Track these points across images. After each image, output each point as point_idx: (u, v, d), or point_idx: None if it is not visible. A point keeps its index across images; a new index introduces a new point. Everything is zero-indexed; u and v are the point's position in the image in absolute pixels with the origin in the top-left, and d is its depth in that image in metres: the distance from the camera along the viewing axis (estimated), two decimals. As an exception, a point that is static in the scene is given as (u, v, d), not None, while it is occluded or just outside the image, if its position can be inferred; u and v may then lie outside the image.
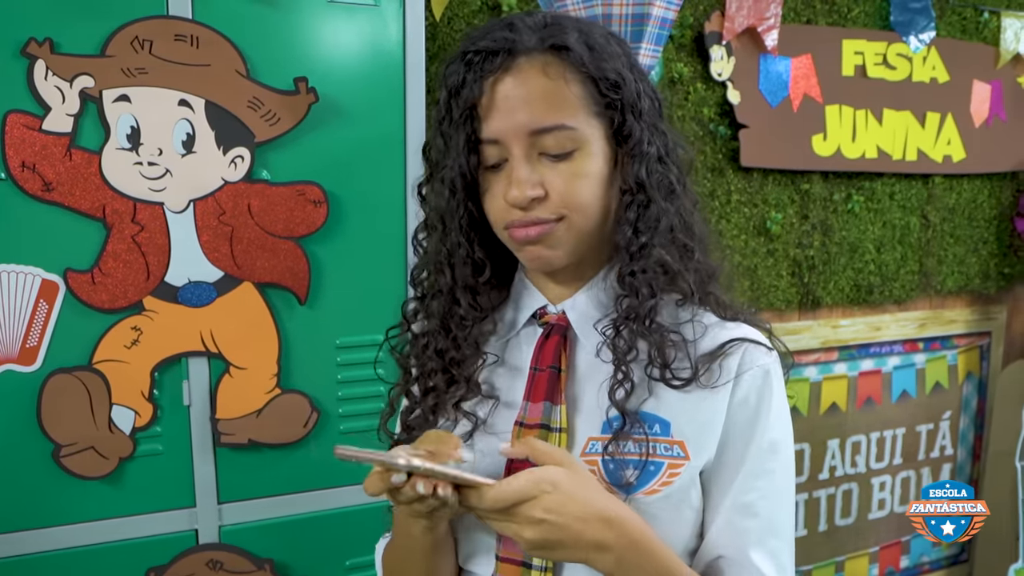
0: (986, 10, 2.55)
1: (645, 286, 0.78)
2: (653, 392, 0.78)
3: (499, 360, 0.87)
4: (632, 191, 0.78)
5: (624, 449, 0.76)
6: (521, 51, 0.76)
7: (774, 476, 0.77)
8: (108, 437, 1.29)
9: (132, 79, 1.23)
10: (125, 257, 1.26)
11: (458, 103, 0.77)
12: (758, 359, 0.78)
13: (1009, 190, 2.73)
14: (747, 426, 0.77)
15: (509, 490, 0.66)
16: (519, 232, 0.77)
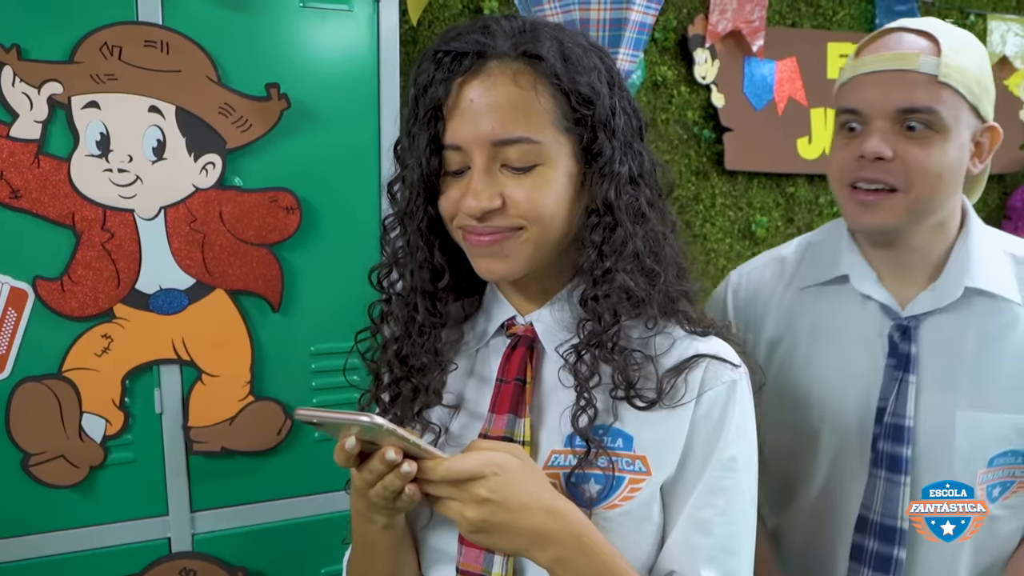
0: (972, 13, 2.55)
1: (608, 312, 0.75)
2: (617, 411, 0.76)
3: (468, 370, 0.86)
4: (599, 212, 0.75)
5: (586, 464, 0.74)
6: (493, 56, 0.73)
7: (730, 493, 0.76)
8: (78, 446, 1.28)
9: (101, 85, 1.22)
10: (95, 265, 1.25)
11: (424, 103, 0.75)
12: (723, 375, 0.77)
13: (996, 193, 2.73)
14: (707, 441, 0.76)
15: (461, 465, 0.66)
16: (473, 238, 0.75)
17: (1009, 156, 2.69)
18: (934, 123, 0.91)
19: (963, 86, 0.92)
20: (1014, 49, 2.60)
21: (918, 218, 0.95)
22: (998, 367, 0.96)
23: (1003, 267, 0.98)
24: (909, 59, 0.92)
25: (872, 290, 1.02)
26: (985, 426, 0.96)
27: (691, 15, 2.16)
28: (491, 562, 0.76)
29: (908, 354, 0.98)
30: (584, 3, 1.49)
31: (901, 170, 0.92)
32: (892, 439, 0.98)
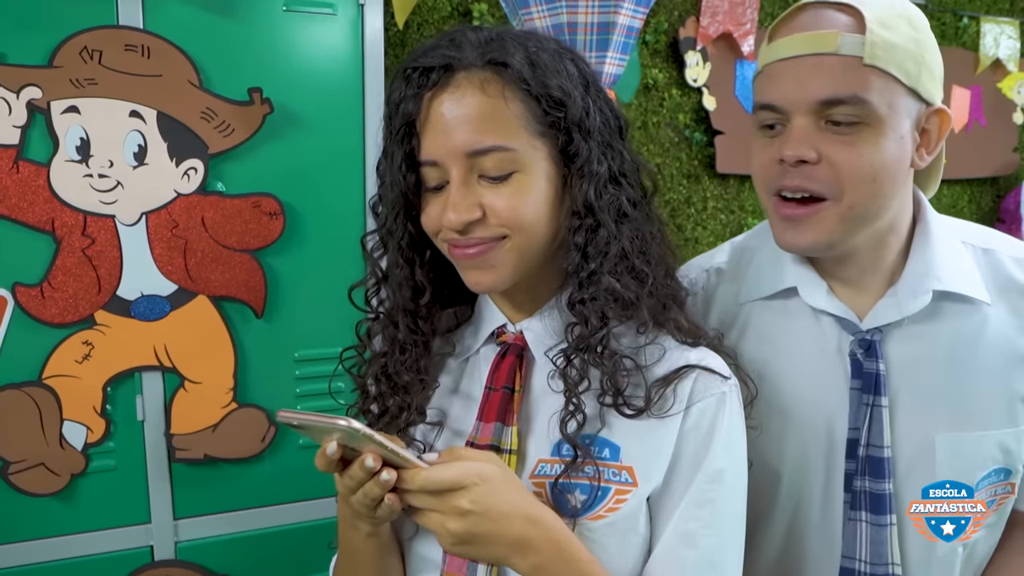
0: (965, 15, 2.54)
1: (595, 315, 0.75)
2: (605, 419, 0.76)
3: (454, 386, 0.85)
4: (580, 213, 0.75)
5: (572, 473, 0.74)
6: (460, 67, 0.73)
7: (716, 505, 0.75)
8: (59, 453, 1.27)
9: (81, 90, 1.21)
10: (75, 271, 1.24)
11: (396, 120, 0.75)
12: (712, 387, 0.76)
13: (989, 195, 2.73)
14: (695, 454, 0.75)
15: (440, 475, 0.64)
16: (458, 251, 0.75)
17: (1003, 159, 2.68)
18: (863, 115, 0.76)
19: (896, 66, 0.75)
20: (1007, 52, 2.59)
21: (855, 228, 0.81)
22: (976, 378, 0.84)
23: (967, 262, 0.86)
24: (827, 40, 0.77)
25: (825, 303, 0.86)
26: (969, 447, 0.84)
27: (682, 18, 2.15)
28: (475, 570, 0.75)
29: (876, 373, 0.83)
30: (572, 7, 1.48)
31: (828, 174, 0.78)
32: (871, 475, 0.83)
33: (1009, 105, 2.65)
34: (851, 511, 0.84)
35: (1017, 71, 2.63)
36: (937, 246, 0.85)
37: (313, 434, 0.67)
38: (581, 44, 1.50)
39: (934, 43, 0.80)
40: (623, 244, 0.76)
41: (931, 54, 0.79)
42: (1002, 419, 0.83)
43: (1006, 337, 0.83)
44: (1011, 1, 2.62)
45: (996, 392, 0.84)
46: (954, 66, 2.54)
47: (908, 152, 0.80)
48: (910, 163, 0.81)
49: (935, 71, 0.80)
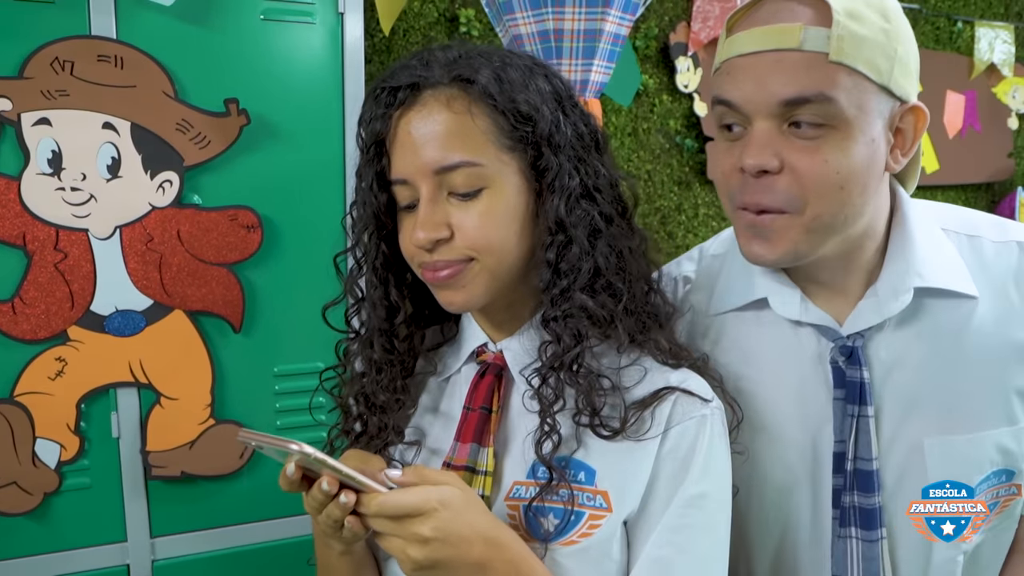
0: (960, 20, 2.52)
1: (568, 333, 0.73)
2: (581, 439, 0.74)
3: (433, 405, 0.84)
4: (552, 230, 0.74)
5: (547, 496, 0.72)
6: (426, 85, 0.72)
7: (693, 531, 0.73)
8: (32, 472, 1.24)
9: (53, 101, 1.18)
10: (48, 286, 1.22)
11: (367, 140, 0.75)
12: (692, 410, 0.74)
13: (984, 201, 2.71)
14: (672, 478, 0.73)
15: (397, 501, 0.63)
16: (429, 274, 0.74)
17: (998, 164, 2.67)
18: (830, 116, 0.69)
19: (865, 63, 0.69)
20: (1002, 56, 2.57)
21: (823, 238, 0.75)
22: (966, 377, 0.79)
23: (950, 252, 0.80)
24: (789, 34, 0.70)
25: (800, 312, 0.81)
26: (962, 451, 0.79)
27: (673, 23, 2.13)
28: None
29: (860, 382, 0.78)
30: (558, 13, 1.45)
31: (790, 185, 0.72)
32: (860, 490, 0.79)
33: (1004, 110, 2.63)
34: (840, 528, 0.80)
35: (1012, 76, 2.61)
36: (917, 239, 0.79)
37: (273, 454, 0.66)
38: (567, 51, 1.48)
39: (909, 33, 0.73)
40: (597, 260, 0.75)
41: (904, 46, 0.72)
42: (998, 418, 0.78)
43: (997, 329, 0.78)
44: (1006, 6, 2.60)
45: (989, 390, 0.79)
46: (948, 71, 2.53)
47: (881, 155, 0.73)
48: (884, 166, 0.75)
49: (910, 65, 0.73)
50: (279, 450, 0.64)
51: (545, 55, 1.47)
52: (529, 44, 1.48)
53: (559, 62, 1.48)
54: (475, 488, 0.74)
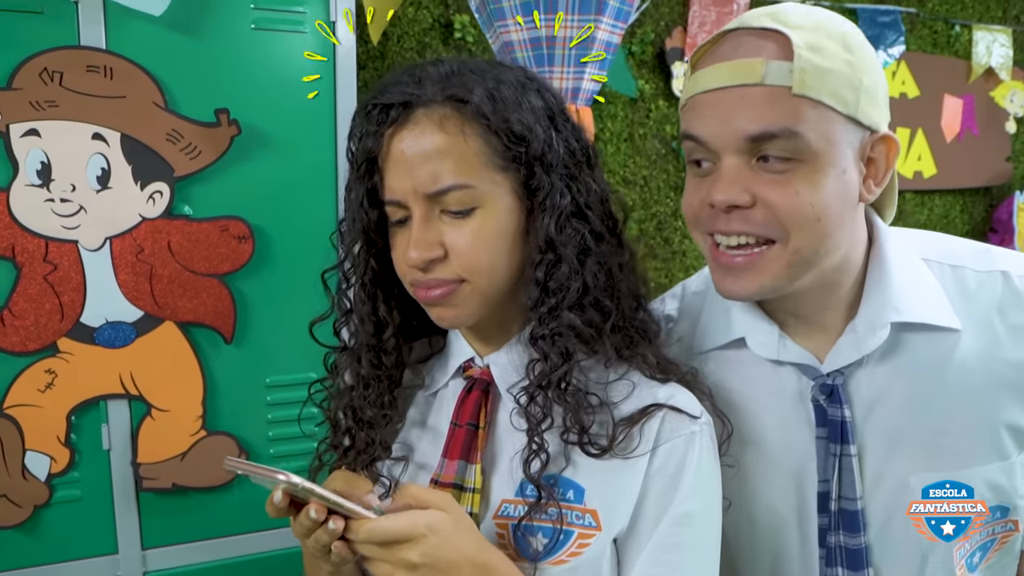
0: (957, 23, 2.51)
1: (556, 351, 0.73)
2: (569, 457, 0.74)
3: (421, 420, 0.84)
4: (542, 248, 0.74)
5: (536, 515, 0.72)
6: (419, 104, 0.72)
7: (684, 550, 0.72)
8: (21, 484, 1.24)
9: (41, 112, 1.17)
10: (37, 298, 1.21)
11: (359, 156, 0.74)
12: (681, 427, 0.73)
13: (982, 205, 2.70)
14: (661, 496, 0.73)
15: (385, 528, 0.63)
16: (421, 293, 0.74)
17: (996, 168, 2.66)
18: (797, 151, 0.68)
19: (830, 94, 0.68)
20: (1000, 60, 2.56)
21: (801, 273, 0.73)
22: (951, 413, 0.77)
23: (930, 284, 0.78)
24: (751, 69, 0.69)
25: (778, 351, 0.80)
26: None
27: (669, 28, 2.12)
28: None
29: (841, 420, 0.77)
30: (551, 21, 1.45)
31: (767, 216, 0.70)
32: (846, 530, 0.78)
33: (1002, 114, 2.63)
34: (827, 568, 0.80)
35: (1010, 80, 2.60)
36: (894, 273, 0.78)
37: (259, 482, 0.66)
38: (559, 59, 1.47)
39: (874, 63, 0.72)
40: (585, 279, 0.74)
41: (870, 76, 0.71)
42: (986, 454, 0.77)
43: (982, 362, 0.76)
44: (1003, 9, 2.59)
45: (976, 425, 0.77)
46: (946, 75, 2.52)
47: (853, 186, 0.72)
48: (858, 197, 0.73)
49: (877, 95, 0.72)
50: (265, 478, 0.64)
51: (537, 62, 1.47)
52: (520, 51, 1.47)
53: (551, 69, 1.47)
54: (463, 505, 0.73)
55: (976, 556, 0.80)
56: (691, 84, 0.75)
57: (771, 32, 0.70)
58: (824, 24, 0.71)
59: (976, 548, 0.80)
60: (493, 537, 0.74)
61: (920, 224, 2.56)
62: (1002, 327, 0.77)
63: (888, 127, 0.74)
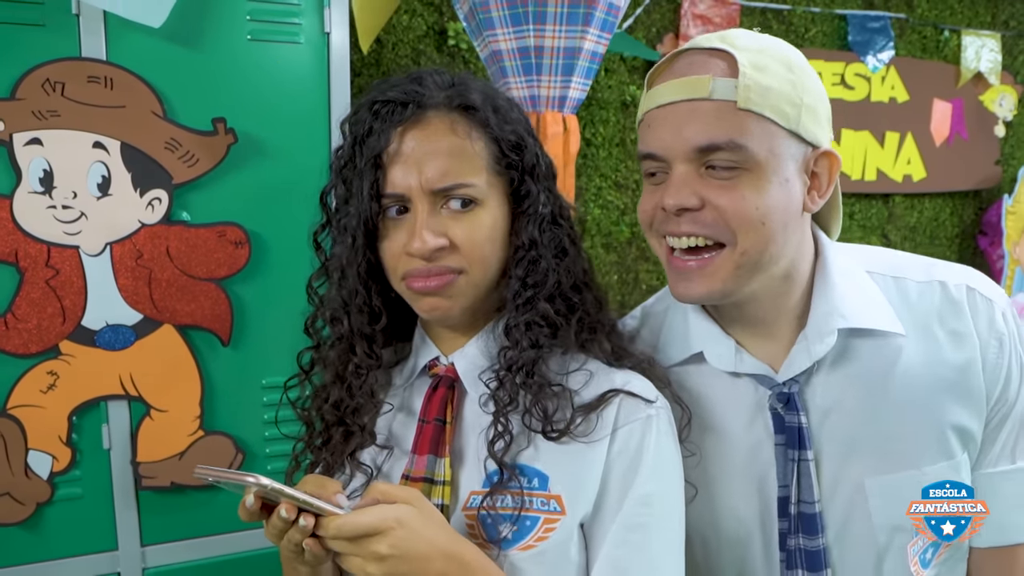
0: (946, 29, 2.54)
1: (527, 338, 0.79)
2: (532, 442, 0.79)
3: (397, 408, 0.88)
4: (525, 247, 0.80)
5: (502, 504, 0.76)
6: (431, 106, 0.78)
7: (648, 530, 0.76)
8: (24, 483, 1.27)
9: (44, 122, 1.21)
10: (40, 302, 1.24)
11: (363, 151, 0.78)
12: (637, 411, 0.78)
13: (972, 208, 2.73)
14: (623, 478, 0.77)
15: (355, 522, 0.66)
16: (418, 283, 0.78)
17: (985, 172, 2.69)
18: (742, 160, 0.73)
19: (772, 109, 0.73)
20: (988, 65, 2.60)
21: (750, 276, 0.77)
22: (899, 416, 0.81)
23: (874, 294, 0.82)
24: (699, 85, 0.74)
25: (736, 363, 0.84)
26: (903, 488, 0.81)
27: (660, 34, 2.15)
28: None
29: (798, 427, 0.81)
30: (539, 31, 1.48)
31: (716, 218, 0.75)
32: (805, 533, 0.81)
33: (991, 118, 2.66)
34: (787, 570, 0.83)
35: (998, 84, 2.63)
36: (838, 282, 0.82)
37: (230, 488, 0.69)
38: (547, 68, 1.51)
39: (816, 85, 0.78)
40: (560, 276, 0.82)
41: (811, 96, 0.76)
42: (935, 454, 0.81)
43: (925, 367, 0.81)
44: (992, 14, 2.62)
45: (923, 427, 0.81)
46: (935, 79, 2.55)
47: (797, 196, 0.77)
48: (802, 207, 0.78)
49: (819, 113, 0.77)
50: (236, 483, 0.67)
51: (525, 71, 1.50)
52: (509, 60, 1.50)
53: (538, 78, 1.51)
54: (434, 498, 0.78)
55: (929, 552, 0.83)
56: (646, 100, 0.81)
57: (719, 52, 0.76)
58: (769, 48, 0.76)
59: (928, 545, 0.83)
60: (463, 528, 0.77)
61: (910, 227, 2.59)
62: (942, 333, 0.81)
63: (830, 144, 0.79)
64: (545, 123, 1.50)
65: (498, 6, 1.46)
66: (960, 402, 0.81)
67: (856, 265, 0.84)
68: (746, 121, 0.73)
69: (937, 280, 0.83)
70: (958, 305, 0.81)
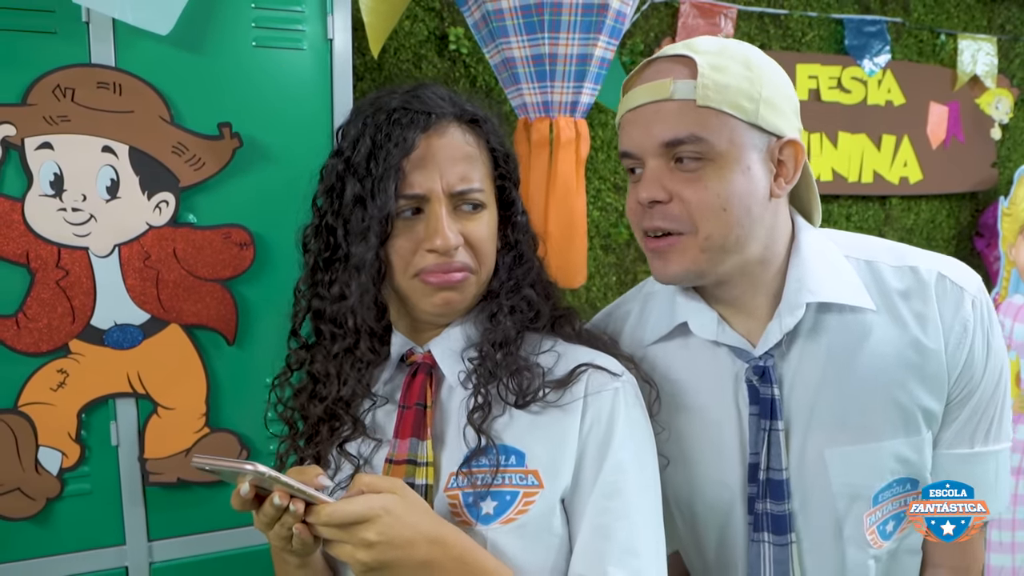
0: (943, 32, 2.57)
1: (510, 320, 0.86)
2: (507, 413, 0.83)
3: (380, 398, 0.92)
4: (510, 246, 0.90)
5: (482, 480, 0.80)
6: (449, 115, 0.85)
7: (626, 495, 0.80)
8: (35, 478, 1.30)
9: (54, 127, 1.24)
10: (50, 302, 1.28)
11: (384, 155, 0.82)
12: (604, 384, 0.84)
13: (968, 210, 2.75)
14: (598, 449, 0.82)
15: (344, 510, 0.70)
16: (437, 277, 0.83)
17: (982, 174, 2.71)
18: (704, 151, 0.81)
19: (730, 105, 0.81)
20: (985, 68, 2.62)
21: (719, 257, 0.84)
22: (864, 391, 0.86)
23: (846, 272, 0.88)
24: (662, 88, 0.82)
25: (716, 333, 0.90)
26: (862, 460, 0.86)
27: (658, 38, 2.18)
28: None
29: (771, 398, 0.86)
30: (553, 39, 1.51)
31: (681, 211, 0.83)
32: (772, 498, 0.87)
33: (987, 121, 2.68)
34: (754, 533, 0.88)
35: (995, 87, 2.66)
36: (809, 260, 0.88)
37: (226, 476, 0.73)
38: (560, 75, 1.54)
39: (778, 80, 0.85)
40: (538, 269, 0.93)
41: (770, 89, 0.83)
42: (896, 429, 0.86)
43: (892, 346, 0.85)
44: (988, 18, 2.65)
45: (886, 403, 0.86)
46: (932, 83, 2.57)
47: (761, 182, 0.84)
48: (769, 193, 0.85)
49: (779, 105, 0.84)
50: (233, 471, 0.70)
51: (539, 77, 1.54)
52: (522, 67, 1.53)
53: (552, 84, 1.54)
54: (418, 479, 0.81)
55: (890, 524, 0.88)
56: (622, 105, 0.90)
57: (682, 58, 0.84)
58: (728, 49, 0.84)
59: (889, 517, 0.87)
60: (446, 508, 0.81)
61: (907, 229, 2.62)
62: (908, 314, 0.86)
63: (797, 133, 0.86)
64: (559, 128, 1.53)
65: (512, 15, 1.49)
66: (923, 382, 0.85)
67: (832, 247, 0.90)
68: (706, 116, 0.81)
69: (908, 265, 0.87)
70: (925, 289, 0.86)
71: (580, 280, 1.59)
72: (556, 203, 1.53)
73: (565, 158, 1.52)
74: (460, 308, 0.87)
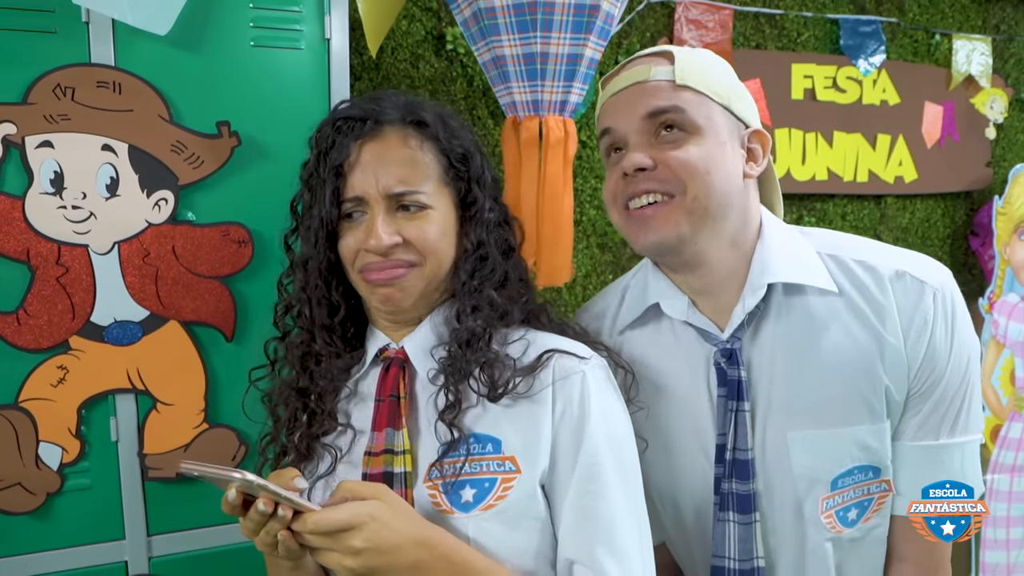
0: (937, 32, 2.58)
1: (474, 319, 0.89)
2: (480, 404, 0.86)
3: (355, 392, 0.96)
4: (474, 247, 0.92)
5: (458, 470, 0.82)
6: (387, 121, 0.88)
7: (605, 476, 0.82)
8: (35, 473, 1.32)
9: (55, 125, 1.26)
10: (50, 299, 1.29)
11: (327, 162, 0.88)
12: (572, 368, 0.86)
13: (963, 209, 2.77)
14: (573, 434, 0.84)
15: (331, 518, 0.72)
16: (374, 275, 0.88)
17: (976, 173, 2.73)
18: (683, 122, 0.89)
19: (704, 87, 0.90)
20: (979, 68, 2.63)
21: (702, 223, 0.89)
22: (827, 377, 0.88)
23: (807, 256, 0.92)
24: (643, 72, 0.92)
25: (687, 315, 0.95)
26: (823, 445, 0.88)
27: (654, 39, 2.19)
28: None
29: (738, 380, 0.89)
30: (545, 38, 1.52)
31: (668, 174, 0.88)
32: (738, 478, 0.90)
33: (982, 120, 2.70)
34: (720, 512, 0.91)
35: (989, 87, 2.67)
36: (773, 246, 0.93)
37: (214, 482, 0.73)
38: (551, 74, 1.55)
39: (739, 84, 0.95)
40: (508, 270, 0.93)
41: (738, 85, 0.94)
42: (858, 416, 0.88)
43: (855, 335, 0.88)
44: (983, 19, 2.66)
45: (849, 389, 0.89)
46: (926, 82, 2.59)
47: (736, 161, 0.91)
48: (742, 174, 0.92)
49: (746, 99, 0.94)
50: (220, 478, 0.72)
51: (529, 76, 1.55)
52: (513, 65, 1.55)
53: (542, 83, 1.55)
54: (397, 467, 0.84)
55: (852, 512, 0.90)
56: (602, 96, 0.97)
57: (660, 53, 0.94)
58: (701, 52, 0.94)
59: (851, 504, 0.89)
60: (426, 499, 0.83)
61: (902, 228, 2.63)
62: (867, 307, 0.88)
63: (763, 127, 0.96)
64: (548, 127, 1.55)
65: (505, 13, 1.50)
66: (886, 372, 0.87)
67: (797, 235, 0.95)
68: (684, 93, 0.90)
69: (869, 261, 0.91)
70: (882, 283, 0.89)
71: (565, 277, 1.61)
72: (546, 202, 1.55)
73: (554, 158, 1.54)
74: (407, 303, 0.89)
